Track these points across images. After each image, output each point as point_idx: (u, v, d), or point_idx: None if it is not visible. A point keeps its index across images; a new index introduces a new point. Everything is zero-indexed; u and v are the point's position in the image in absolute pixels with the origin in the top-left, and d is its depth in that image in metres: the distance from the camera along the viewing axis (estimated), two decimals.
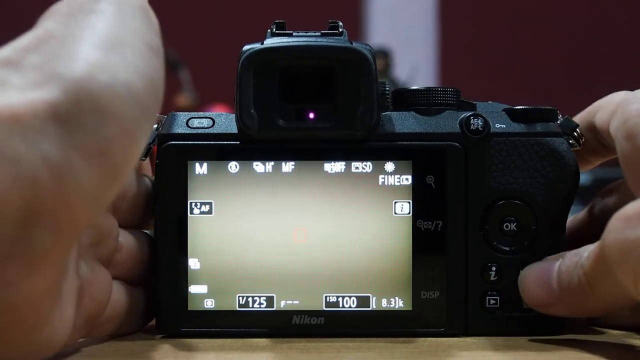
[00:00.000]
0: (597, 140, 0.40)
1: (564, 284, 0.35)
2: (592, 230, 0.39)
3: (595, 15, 2.32)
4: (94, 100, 0.27)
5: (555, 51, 2.32)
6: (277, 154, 0.38)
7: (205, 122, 0.38)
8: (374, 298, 0.38)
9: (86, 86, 0.28)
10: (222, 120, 0.39)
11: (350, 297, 0.38)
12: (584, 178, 0.41)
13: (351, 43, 0.37)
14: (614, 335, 0.38)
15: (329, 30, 0.38)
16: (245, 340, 0.37)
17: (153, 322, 0.38)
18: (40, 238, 0.26)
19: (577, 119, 0.41)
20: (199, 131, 0.38)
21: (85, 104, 0.27)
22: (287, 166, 0.38)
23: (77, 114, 0.27)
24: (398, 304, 0.38)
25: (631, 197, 0.34)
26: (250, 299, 0.38)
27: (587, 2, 2.33)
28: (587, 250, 0.34)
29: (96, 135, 0.27)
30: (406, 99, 0.39)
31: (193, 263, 0.38)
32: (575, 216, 0.43)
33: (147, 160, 0.40)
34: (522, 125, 0.39)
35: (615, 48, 2.29)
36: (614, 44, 2.29)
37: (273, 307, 0.38)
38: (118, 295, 0.37)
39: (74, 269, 0.32)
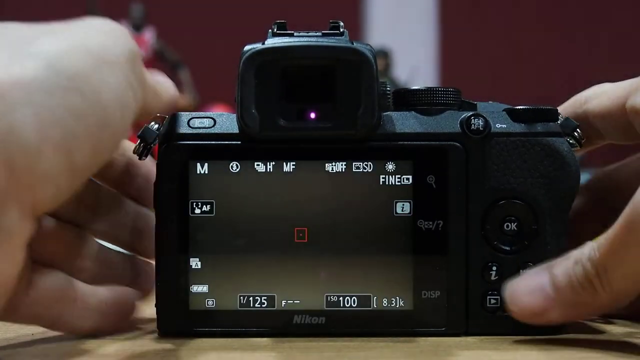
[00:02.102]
0: (583, 130, 0.40)
1: (562, 284, 0.35)
2: (590, 223, 0.40)
3: (596, 15, 2.32)
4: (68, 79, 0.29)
5: (555, 51, 2.32)
6: (278, 154, 0.38)
7: (207, 122, 0.39)
8: (375, 298, 0.38)
9: (61, 61, 0.29)
10: (223, 120, 0.39)
11: (351, 296, 0.38)
12: (585, 178, 0.41)
13: (352, 43, 0.37)
14: (614, 335, 0.38)
15: (330, 30, 0.38)
16: (247, 339, 0.37)
17: (154, 321, 0.38)
18: (7, 218, 0.27)
19: (561, 109, 0.41)
20: (200, 131, 0.38)
21: (61, 81, 0.28)
22: (288, 166, 0.38)
23: (53, 90, 0.28)
24: (399, 303, 0.38)
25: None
26: (251, 299, 0.38)
27: (587, 2, 2.33)
28: (588, 246, 0.34)
29: (65, 126, 0.28)
30: (407, 99, 0.40)
31: (194, 263, 0.38)
32: None
33: (149, 159, 0.40)
34: (523, 125, 0.39)
35: (615, 48, 2.29)
36: (614, 44, 2.29)
37: (274, 307, 0.38)
38: (47, 280, 0.35)
39: None
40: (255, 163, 0.38)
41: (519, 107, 0.39)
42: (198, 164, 0.38)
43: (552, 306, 0.35)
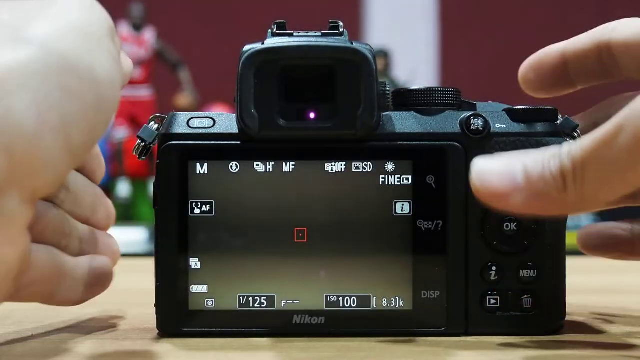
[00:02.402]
0: (601, 60, 0.40)
1: (532, 173, 0.32)
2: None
3: (596, 15, 2.32)
4: (64, 62, 0.29)
5: None
6: (277, 154, 0.38)
7: (206, 122, 0.39)
8: (375, 298, 0.38)
9: (54, 44, 0.29)
10: (222, 120, 0.39)
11: (350, 296, 0.38)
12: None
13: (352, 43, 0.37)
14: (614, 335, 0.39)
15: (329, 30, 0.38)
16: (246, 339, 0.37)
17: (154, 321, 0.38)
18: (9, 203, 0.28)
19: (586, 36, 0.41)
20: (200, 131, 0.38)
21: (56, 64, 0.29)
22: (288, 166, 0.38)
23: (48, 74, 0.28)
24: (398, 303, 0.38)
25: None
26: (250, 299, 0.38)
27: (587, 2, 2.33)
28: (569, 143, 0.33)
29: (61, 109, 0.29)
30: (406, 99, 0.40)
31: (194, 263, 0.38)
32: None
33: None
34: (523, 125, 0.39)
35: None
36: None
37: (274, 307, 0.38)
38: (43, 257, 0.35)
39: None
40: (255, 163, 0.38)
41: (519, 107, 0.39)
42: (198, 164, 0.38)
43: (517, 192, 0.33)
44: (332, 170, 0.38)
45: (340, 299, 0.38)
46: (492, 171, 0.33)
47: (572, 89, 0.43)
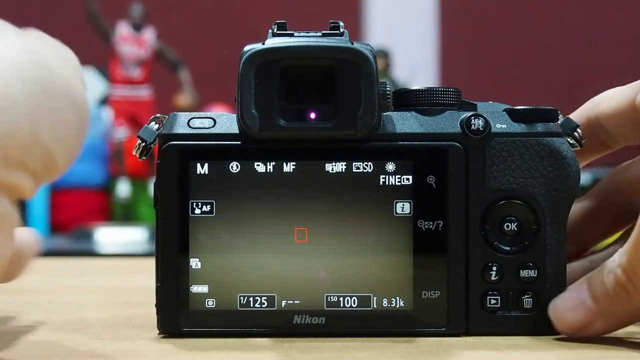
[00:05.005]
0: (595, 135, 0.41)
1: (599, 295, 0.36)
2: (600, 218, 0.41)
3: (595, 15, 2.32)
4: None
5: (555, 51, 2.32)
6: (278, 154, 0.38)
7: (207, 122, 0.39)
8: (375, 298, 0.38)
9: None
10: (223, 120, 0.39)
11: (351, 296, 0.38)
12: (585, 178, 0.41)
13: (352, 43, 0.37)
14: (614, 335, 0.38)
15: (329, 30, 0.38)
16: (247, 340, 0.37)
17: (154, 321, 0.38)
18: (3, 205, 0.29)
19: (574, 116, 0.41)
20: (200, 131, 0.38)
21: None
22: (288, 166, 0.38)
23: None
24: (399, 303, 0.38)
25: None
26: (251, 299, 0.38)
27: (587, 2, 2.33)
28: (618, 252, 0.35)
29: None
30: (407, 99, 0.40)
31: (194, 263, 0.38)
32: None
33: None
34: (523, 125, 0.39)
35: (615, 48, 2.29)
36: (614, 44, 2.29)
37: (274, 307, 0.38)
38: None
39: None
40: (255, 163, 0.38)
41: (519, 107, 0.39)
42: (198, 164, 0.38)
43: (594, 319, 0.36)
44: (332, 170, 0.38)
45: (341, 299, 0.38)
46: (565, 308, 0.37)
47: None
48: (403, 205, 0.38)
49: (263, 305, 0.38)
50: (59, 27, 0.32)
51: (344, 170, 0.38)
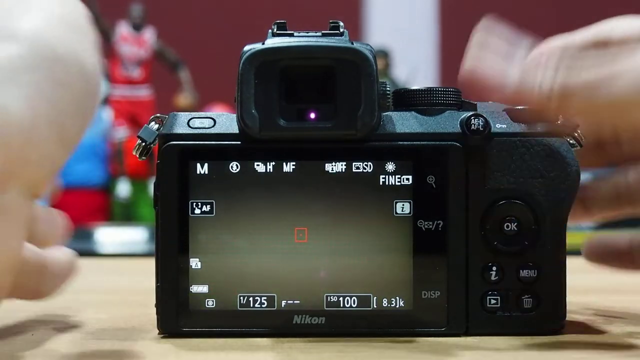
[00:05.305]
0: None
1: (527, 75, 0.35)
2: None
3: (596, 17, 2.32)
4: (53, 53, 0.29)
5: None
6: (278, 154, 0.38)
7: (207, 122, 0.39)
8: (375, 298, 0.38)
9: (43, 36, 0.29)
10: (223, 120, 0.39)
11: (351, 296, 0.38)
12: (585, 178, 0.41)
13: (352, 43, 0.37)
14: (614, 335, 0.39)
15: (329, 30, 0.38)
16: (246, 340, 0.37)
17: (154, 321, 0.38)
18: (10, 198, 0.28)
19: (577, 37, 0.40)
20: (200, 131, 0.38)
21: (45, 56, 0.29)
22: (288, 166, 0.38)
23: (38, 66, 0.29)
24: (399, 303, 0.38)
25: None
26: (251, 299, 0.38)
27: (588, 2, 2.33)
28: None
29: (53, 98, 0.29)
30: (407, 99, 0.40)
31: (194, 263, 0.38)
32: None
33: None
34: (523, 125, 0.39)
35: None
36: None
37: (274, 307, 0.38)
38: (29, 254, 0.35)
39: None
40: (255, 163, 0.38)
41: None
42: (198, 164, 0.38)
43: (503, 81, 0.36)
44: (332, 170, 0.38)
45: (341, 299, 0.38)
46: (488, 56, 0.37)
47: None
48: (403, 205, 0.38)
49: (263, 305, 0.38)
50: None
51: (344, 170, 0.38)
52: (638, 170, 0.42)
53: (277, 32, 0.38)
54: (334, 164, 0.38)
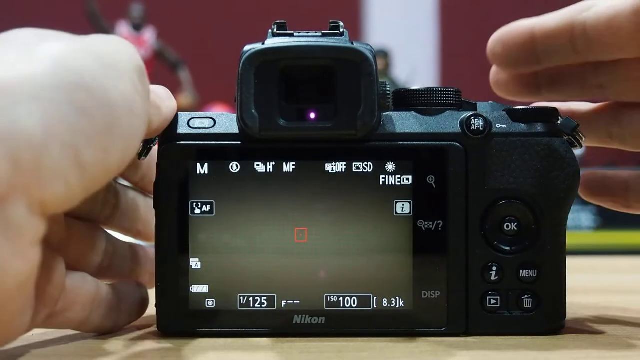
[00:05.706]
0: (573, 46, 0.40)
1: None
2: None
3: None
4: (77, 78, 0.29)
5: None
6: (278, 154, 0.38)
7: (207, 122, 0.39)
8: (375, 298, 0.38)
9: (69, 60, 0.29)
10: (223, 120, 0.39)
11: (351, 296, 0.38)
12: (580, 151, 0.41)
13: (352, 43, 0.37)
14: (614, 335, 0.39)
15: (329, 30, 0.38)
16: (246, 340, 0.37)
17: (154, 321, 0.38)
18: (15, 213, 0.27)
19: (553, 17, 0.41)
20: (200, 131, 0.38)
21: (66, 81, 0.29)
22: (288, 166, 0.38)
23: (59, 89, 0.29)
24: (399, 303, 0.38)
25: None
26: (251, 299, 0.38)
27: None
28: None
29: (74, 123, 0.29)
30: (407, 99, 0.40)
31: (194, 263, 0.38)
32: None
33: (148, 159, 0.40)
34: (523, 125, 0.39)
35: None
36: None
37: (274, 307, 0.38)
38: (78, 283, 0.36)
39: None
40: (255, 163, 0.38)
41: (519, 107, 0.39)
42: (198, 164, 0.38)
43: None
44: (332, 170, 0.38)
45: (341, 299, 0.38)
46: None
47: (537, 67, 0.43)
48: (403, 205, 0.38)
49: (263, 305, 0.38)
50: (59, 27, 0.32)
51: (344, 170, 0.38)
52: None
53: (277, 32, 0.38)
54: (334, 164, 0.38)
